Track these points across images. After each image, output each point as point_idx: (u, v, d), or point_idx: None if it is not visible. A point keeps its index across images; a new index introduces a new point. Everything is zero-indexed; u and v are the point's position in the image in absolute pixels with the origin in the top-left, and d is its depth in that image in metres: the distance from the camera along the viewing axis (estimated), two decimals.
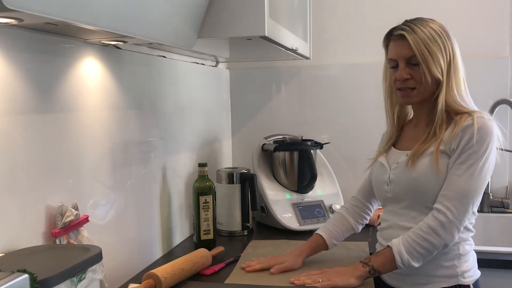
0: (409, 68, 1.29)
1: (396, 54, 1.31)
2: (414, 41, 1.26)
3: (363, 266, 1.28)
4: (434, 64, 1.26)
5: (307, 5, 2.15)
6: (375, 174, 1.44)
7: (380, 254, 1.29)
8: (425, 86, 1.29)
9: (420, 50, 1.26)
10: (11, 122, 0.98)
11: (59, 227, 1.09)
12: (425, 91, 1.30)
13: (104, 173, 1.31)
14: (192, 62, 1.94)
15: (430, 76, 1.27)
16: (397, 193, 1.34)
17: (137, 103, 1.48)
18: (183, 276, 1.38)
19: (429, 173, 1.26)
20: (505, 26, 2.13)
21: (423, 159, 1.28)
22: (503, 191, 2.16)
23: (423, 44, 1.26)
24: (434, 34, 1.27)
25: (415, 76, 1.29)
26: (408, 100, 1.34)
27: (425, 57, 1.26)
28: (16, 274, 0.63)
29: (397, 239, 1.26)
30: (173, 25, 1.25)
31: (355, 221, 1.53)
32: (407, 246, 1.24)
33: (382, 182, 1.39)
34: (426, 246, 1.23)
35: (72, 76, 1.17)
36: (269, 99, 2.40)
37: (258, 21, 1.38)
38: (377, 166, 1.43)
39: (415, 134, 1.37)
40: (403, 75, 1.29)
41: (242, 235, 1.89)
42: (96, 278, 0.95)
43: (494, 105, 2.04)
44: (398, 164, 1.34)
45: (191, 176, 1.85)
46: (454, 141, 1.24)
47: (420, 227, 1.24)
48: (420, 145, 1.30)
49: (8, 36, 0.97)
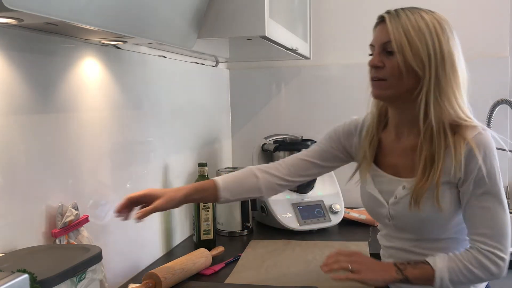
0: (384, 55, 1.14)
1: (374, 38, 1.18)
2: (393, 26, 1.11)
3: (397, 272, 1.14)
4: (411, 55, 1.09)
5: (307, 5, 2.15)
6: (368, 204, 1.29)
7: (419, 267, 1.14)
8: (398, 79, 1.12)
9: (397, 36, 1.10)
10: (11, 122, 0.98)
11: (59, 227, 1.09)
12: (398, 85, 1.13)
13: (104, 173, 1.31)
14: (192, 62, 1.94)
15: (406, 68, 1.10)
16: (401, 226, 1.23)
17: (137, 103, 1.48)
18: (183, 276, 1.38)
19: (440, 211, 1.14)
20: (505, 26, 2.13)
21: (429, 197, 1.14)
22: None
23: (403, 30, 1.10)
24: (422, 24, 1.11)
25: (389, 65, 1.13)
26: (379, 93, 1.17)
27: (402, 45, 1.10)
28: (16, 274, 0.63)
29: (441, 262, 1.12)
30: (173, 25, 1.25)
31: (266, 188, 1.33)
32: (452, 275, 1.12)
33: (381, 216, 1.26)
34: (473, 279, 1.13)
35: (72, 76, 1.17)
36: (269, 99, 2.40)
37: (258, 21, 1.38)
38: (369, 196, 1.27)
39: (400, 149, 1.21)
40: (375, 62, 1.15)
41: (242, 235, 1.89)
42: (96, 278, 0.95)
43: (494, 105, 2.04)
44: (397, 199, 1.19)
45: (191, 176, 1.85)
46: (458, 171, 1.11)
47: (469, 259, 1.11)
48: (420, 179, 1.14)
49: (8, 36, 0.97)
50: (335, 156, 1.36)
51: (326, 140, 1.37)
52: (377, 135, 1.26)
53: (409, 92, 1.13)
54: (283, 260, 1.56)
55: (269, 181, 1.33)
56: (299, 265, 1.51)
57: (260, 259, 1.58)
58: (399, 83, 1.13)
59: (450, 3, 2.13)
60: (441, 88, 1.11)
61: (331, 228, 1.92)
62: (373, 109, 1.27)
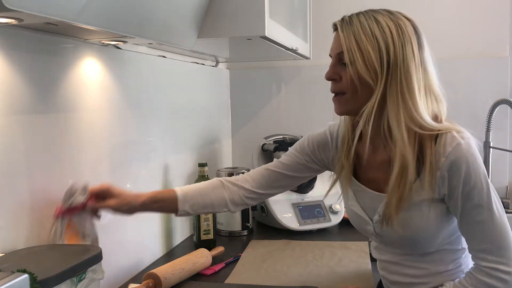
0: (339, 67, 1.08)
1: (331, 48, 1.11)
2: (346, 35, 1.04)
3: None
4: (364, 66, 1.01)
5: (307, 5, 2.15)
6: (354, 221, 1.22)
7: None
8: (354, 93, 1.05)
9: (349, 47, 1.02)
10: (11, 122, 0.98)
11: (65, 206, 1.03)
12: (355, 99, 1.05)
13: (104, 173, 1.31)
14: (192, 62, 1.94)
15: (359, 80, 1.02)
16: (388, 244, 1.17)
17: (137, 103, 1.48)
18: (183, 276, 1.38)
19: (423, 229, 1.07)
20: (505, 26, 2.13)
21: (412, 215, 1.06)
22: (503, 191, 2.16)
23: (354, 39, 1.02)
24: (376, 29, 1.01)
25: (344, 77, 1.06)
26: (339, 109, 1.11)
27: (354, 55, 1.02)
28: (16, 274, 0.63)
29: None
30: (173, 25, 1.25)
31: (233, 202, 1.24)
32: None
33: (368, 233, 1.19)
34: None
35: (72, 76, 1.17)
36: (269, 99, 2.40)
37: (258, 21, 1.38)
38: (353, 214, 1.20)
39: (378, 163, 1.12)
40: (330, 74, 1.10)
41: (242, 235, 1.89)
42: (96, 278, 0.95)
43: (494, 105, 2.04)
44: (380, 217, 1.10)
45: (191, 176, 1.85)
46: (442, 186, 1.02)
47: (473, 283, 1.04)
48: (391, 197, 1.04)
49: (8, 36, 0.97)
50: (309, 168, 1.28)
51: (298, 152, 1.28)
52: (353, 146, 1.15)
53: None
54: (283, 260, 1.56)
55: (237, 194, 1.24)
56: (299, 265, 1.51)
57: (260, 259, 1.58)
58: (357, 97, 1.05)
59: (450, 3, 2.13)
60: (392, 97, 1.01)
61: (331, 228, 1.91)
62: (347, 122, 1.18)
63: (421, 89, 1.03)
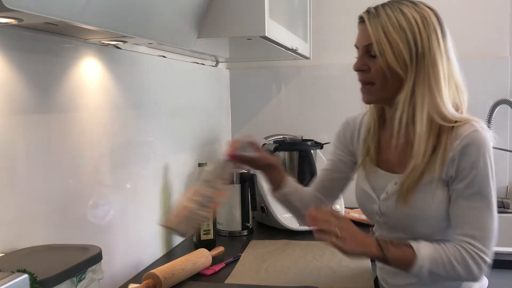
0: (368, 58, 1.11)
1: (357, 40, 1.15)
2: (373, 27, 1.07)
3: (378, 249, 1.08)
4: (394, 57, 1.06)
5: (307, 5, 2.15)
6: (360, 201, 1.26)
7: (401, 250, 1.09)
8: (384, 83, 1.09)
9: (378, 39, 1.07)
10: (11, 122, 0.98)
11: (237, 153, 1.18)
12: (385, 89, 1.10)
13: (104, 173, 1.31)
14: (192, 62, 1.94)
15: (389, 70, 1.07)
16: (392, 224, 1.20)
17: (137, 103, 1.48)
18: (183, 276, 1.38)
19: (429, 209, 1.11)
20: (505, 26, 2.13)
21: (419, 194, 1.11)
22: (503, 191, 2.17)
23: (383, 31, 1.06)
24: (403, 21, 1.06)
25: (373, 68, 1.10)
26: (367, 98, 1.15)
27: (383, 47, 1.06)
28: (16, 274, 0.63)
29: (425, 250, 1.08)
30: (173, 25, 1.25)
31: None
32: (433, 266, 1.07)
33: (372, 213, 1.23)
34: (452, 275, 1.08)
35: (72, 76, 1.17)
36: (269, 99, 2.40)
37: (258, 21, 1.38)
38: (362, 192, 1.24)
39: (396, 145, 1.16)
40: (359, 65, 1.13)
41: (242, 235, 1.89)
42: (96, 278, 0.95)
43: (494, 105, 2.04)
44: (388, 195, 1.16)
45: (191, 176, 1.85)
46: (451, 167, 1.07)
47: (455, 254, 1.07)
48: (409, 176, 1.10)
49: (8, 36, 0.97)
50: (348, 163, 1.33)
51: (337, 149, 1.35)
52: (378, 132, 1.23)
53: (397, 92, 1.10)
54: (283, 260, 1.56)
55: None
56: (299, 265, 1.51)
57: (260, 259, 1.58)
58: (386, 86, 1.10)
59: (450, 3, 2.13)
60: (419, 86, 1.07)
61: None
62: (372, 109, 1.24)
63: (446, 78, 1.08)
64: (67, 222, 1.16)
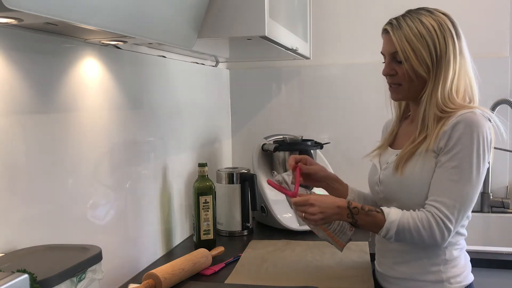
0: (394, 63, 1.27)
1: (383, 48, 1.30)
2: (398, 38, 1.23)
3: (348, 216, 1.23)
4: (418, 62, 1.22)
5: (307, 5, 2.14)
6: (369, 175, 1.40)
7: (371, 215, 1.22)
8: (410, 83, 1.25)
9: (402, 47, 1.22)
10: (11, 122, 0.98)
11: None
12: (411, 88, 1.26)
13: (104, 173, 1.31)
14: (192, 62, 1.94)
15: (414, 73, 1.23)
16: (387, 194, 1.31)
17: (137, 103, 1.48)
18: (183, 276, 1.38)
19: (417, 176, 1.22)
20: (505, 26, 2.13)
21: (411, 162, 1.24)
22: (503, 191, 2.16)
23: (406, 40, 1.22)
24: (422, 30, 1.21)
25: (400, 72, 1.26)
26: (395, 96, 1.31)
27: (408, 54, 1.22)
28: (16, 274, 0.63)
29: (394, 215, 1.20)
30: (173, 25, 1.25)
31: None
32: (400, 230, 1.19)
33: (373, 183, 1.36)
34: (417, 238, 1.19)
35: (72, 76, 1.17)
36: (269, 99, 2.40)
37: (258, 21, 1.38)
38: (371, 166, 1.40)
39: (408, 133, 1.33)
40: (387, 71, 1.28)
41: (242, 235, 1.89)
42: (96, 278, 0.95)
43: (494, 105, 2.04)
44: (388, 164, 1.31)
45: (191, 176, 1.85)
46: (442, 139, 1.19)
47: (421, 219, 1.18)
48: (408, 146, 1.26)
49: (8, 36, 0.97)
50: None
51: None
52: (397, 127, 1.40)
53: (420, 90, 1.26)
54: (283, 260, 1.56)
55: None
56: (299, 265, 1.51)
57: (260, 259, 1.58)
58: (413, 86, 1.26)
59: (450, 3, 2.13)
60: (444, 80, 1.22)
61: None
62: (396, 109, 1.41)
63: (456, 74, 1.23)
64: (67, 222, 1.16)
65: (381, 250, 1.37)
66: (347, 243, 1.31)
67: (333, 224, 1.28)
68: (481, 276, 1.37)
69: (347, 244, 1.31)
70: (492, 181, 2.14)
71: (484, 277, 1.40)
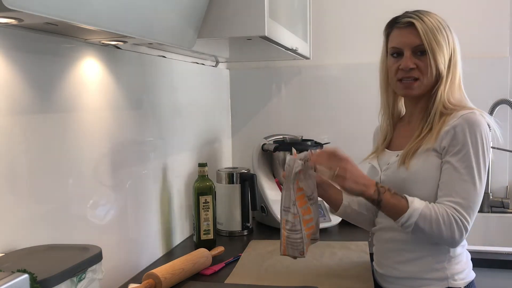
0: (415, 57, 1.27)
1: (401, 42, 1.28)
2: (423, 30, 1.24)
3: (375, 192, 1.20)
4: (440, 55, 1.24)
5: (307, 5, 2.15)
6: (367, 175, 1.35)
7: (396, 198, 1.20)
8: (429, 77, 1.26)
9: (428, 39, 1.24)
10: (11, 122, 0.98)
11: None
12: (427, 83, 1.27)
13: (104, 173, 1.31)
14: (192, 62, 1.94)
15: (436, 67, 1.25)
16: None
17: (137, 103, 1.48)
18: (183, 276, 1.38)
19: (421, 173, 1.23)
20: (505, 26, 2.13)
21: (415, 159, 1.25)
22: (503, 191, 2.16)
23: (431, 33, 1.24)
24: (440, 25, 1.25)
25: (421, 66, 1.26)
26: (410, 92, 1.29)
27: (433, 46, 1.24)
28: (16, 274, 0.63)
29: (418, 204, 1.19)
30: (173, 25, 1.25)
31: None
32: (421, 219, 1.17)
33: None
34: (436, 232, 1.18)
35: (72, 76, 1.17)
36: (269, 99, 2.40)
37: (258, 21, 1.38)
38: (369, 168, 1.40)
39: (408, 132, 1.33)
40: (409, 64, 1.26)
41: (242, 235, 1.89)
42: (96, 278, 0.95)
43: (494, 105, 2.04)
44: (389, 165, 1.32)
45: (191, 176, 1.85)
46: (445, 139, 1.21)
47: (443, 214, 1.18)
48: (412, 143, 1.27)
49: (8, 36, 0.97)
50: None
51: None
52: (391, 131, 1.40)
53: (431, 87, 1.28)
54: (283, 260, 1.56)
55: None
56: (299, 265, 1.51)
57: (260, 259, 1.58)
58: (427, 81, 1.27)
59: (450, 3, 2.13)
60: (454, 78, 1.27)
61: (331, 228, 1.92)
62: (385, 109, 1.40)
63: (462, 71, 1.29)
64: (67, 222, 1.16)
65: (381, 250, 1.37)
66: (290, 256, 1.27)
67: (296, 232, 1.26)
68: (481, 276, 1.37)
69: (289, 256, 1.27)
70: (492, 181, 2.14)
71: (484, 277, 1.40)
